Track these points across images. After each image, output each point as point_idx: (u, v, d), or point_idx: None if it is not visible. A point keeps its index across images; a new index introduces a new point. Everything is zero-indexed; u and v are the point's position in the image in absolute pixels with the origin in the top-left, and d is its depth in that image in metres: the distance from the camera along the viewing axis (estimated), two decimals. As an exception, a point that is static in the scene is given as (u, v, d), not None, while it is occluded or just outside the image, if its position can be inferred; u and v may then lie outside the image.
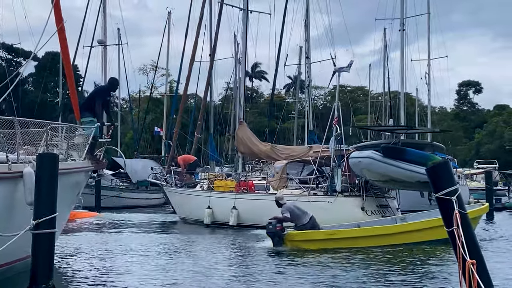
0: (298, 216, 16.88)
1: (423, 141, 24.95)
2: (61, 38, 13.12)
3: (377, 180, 20.43)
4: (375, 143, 23.07)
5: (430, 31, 48.33)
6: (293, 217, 16.87)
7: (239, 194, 23.77)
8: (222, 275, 12.08)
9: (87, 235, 20.05)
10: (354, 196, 21.21)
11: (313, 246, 16.13)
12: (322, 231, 16.81)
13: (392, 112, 51.69)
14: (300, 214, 16.95)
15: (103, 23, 45.60)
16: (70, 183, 12.03)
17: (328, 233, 16.70)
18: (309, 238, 16.51)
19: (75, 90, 14.80)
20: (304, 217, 16.87)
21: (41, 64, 66.06)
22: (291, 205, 17.20)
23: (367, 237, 16.59)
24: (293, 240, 16.41)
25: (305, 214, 16.97)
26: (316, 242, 16.36)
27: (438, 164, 8.20)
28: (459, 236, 7.44)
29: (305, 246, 16.18)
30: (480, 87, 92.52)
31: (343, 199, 21.07)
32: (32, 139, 11.48)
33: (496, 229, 23.72)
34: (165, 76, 60.63)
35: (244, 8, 30.68)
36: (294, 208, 17.01)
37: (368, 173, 20.31)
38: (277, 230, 16.29)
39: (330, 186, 21.51)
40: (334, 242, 16.33)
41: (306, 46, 38.72)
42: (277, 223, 16.40)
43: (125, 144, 62.06)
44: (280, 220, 16.63)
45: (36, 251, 8.81)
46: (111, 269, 12.64)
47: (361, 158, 20.29)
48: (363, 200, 20.88)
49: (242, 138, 27.16)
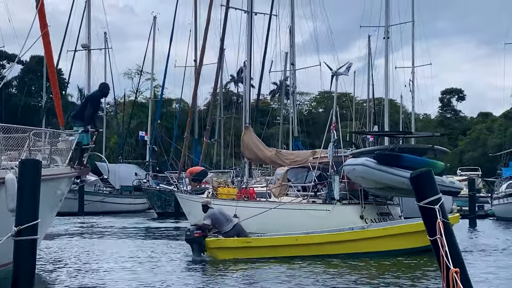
0: (221, 223, 15.92)
1: (424, 145, 23.53)
2: (45, 43, 13.12)
3: (373, 187, 19.70)
4: (371, 149, 22.44)
5: (415, 38, 48.67)
6: (216, 223, 15.91)
7: (240, 202, 23.13)
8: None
9: (70, 241, 19.93)
10: (353, 204, 20.35)
11: (229, 255, 15.16)
12: (237, 239, 15.70)
13: (376, 119, 51.97)
14: (224, 221, 15.99)
15: (87, 27, 45.44)
16: (52, 189, 11.95)
17: (243, 241, 15.59)
18: (223, 245, 15.52)
19: (59, 94, 14.79)
20: (227, 224, 15.91)
21: (26, 68, 65.65)
22: (216, 211, 16.24)
23: (291, 246, 15.50)
24: (209, 248, 15.42)
25: (229, 221, 16.06)
26: (231, 250, 15.37)
27: (421, 173, 8.22)
28: (442, 245, 7.48)
29: (221, 255, 15.25)
30: (463, 95, 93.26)
31: (342, 207, 20.27)
32: (15, 144, 11.40)
33: (479, 237, 23.88)
34: (150, 80, 60.50)
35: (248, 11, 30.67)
36: (218, 215, 16.08)
37: (362, 180, 19.61)
38: (195, 237, 15.38)
39: (328, 193, 20.76)
40: (252, 251, 15.30)
41: (292, 52, 38.90)
42: (196, 230, 15.57)
43: (109, 149, 61.77)
44: (199, 227, 15.88)
45: (18, 257, 8.72)
46: (93, 276, 12.56)
47: (355, 165, 19.54)
48: (363, 208, 19.96)
49: (248, 144, 26.61)
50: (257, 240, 15.71)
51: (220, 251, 15.33)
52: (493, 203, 38.70)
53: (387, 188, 19.23)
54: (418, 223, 15.70)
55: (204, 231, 15.60)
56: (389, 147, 20.68)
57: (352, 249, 15.58)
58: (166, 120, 64.18)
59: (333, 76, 23.05)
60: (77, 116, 14.44)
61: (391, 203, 21.33)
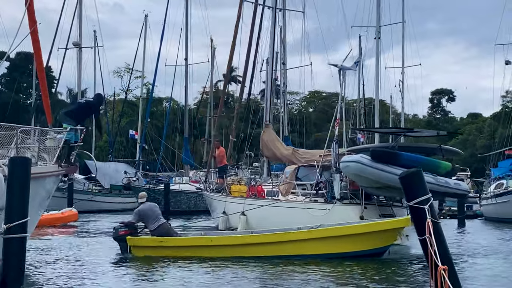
0: (148, 220, 15.25)
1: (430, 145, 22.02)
2: (34, 40, 13.04)
3: (370, 186, 18.78)
4: (370, 147, 21.77)
5: (405, 39, 48.94)
6: (144, 220, 15.35)
7: (248, 200, 22.79)
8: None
9: (58, 239, 19.84)
10: (354, 204, 19.57)
11: (143, 253, 14.82)
12: (150, 238, 15.14)
13: (366, 118, 52.13)
14: (152, 218, 15.22)
15: (78, 25, 45.26)
16: (40, 187, 11.89)
17: (156, 241, 15.03)
18: (138, 244, 15.08)
19: (47, 92, 14.71)
20: (152, 222, 15.16)
21: (12, 65, 65.30)
22: (146, 207, 15.46)
23: (206, 247, 15.01)
24: (128, 246, 15.00)
25: (155, 220, 15.19)
26: (145, 249, 15.01)
27: (411, 173, 8.26)
28: (431, 244, 7.53)
29: (136, 253, 14.90)
30: (453, 96, 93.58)
31: (341, 207, 19.49)
32: (3, 142, 11.34)
33: (467, 237, 24.00)
34: (141, 78, 60.39)
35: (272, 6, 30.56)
36: (148, 211, 15.32)
37: (358, 178, 18.83)
38: (120, 235, 14.98)
39: (329, 192, 20.12)
40: (165, 250, 14.85)
41: (282, 51, 38.87)
42: (122, 228, 15.16)
43: (99, 147, 61.59)
44: (126, 224, 15.37)
45: (7, 255, 8.72)
46: (82, 274, 12.50)
47: (348, 162, 18.63)
48: (363, 209, 19.12)
49: (267, 142, 26.42)
50: (170, 240, 15.09)
51: (135, 249, 15.02)
52: (482, 204, 38.88)
53: (385, 187, 18.12)
54: (376, 223, 15.40)
55: (131, 228, 15.21)
56: (390, 145, 19.74)
57: (280, 251, 14.60)
58: (156, 119, 64.10)
59: (340, 71, 22.35)
60: (70, 114, 14.41)
61: (398, 205, 20.24)
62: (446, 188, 17.95)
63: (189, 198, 40.33)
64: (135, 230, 15.34)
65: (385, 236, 14.83)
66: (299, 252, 14.56)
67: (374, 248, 14.71)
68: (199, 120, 59.72)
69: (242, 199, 23.30)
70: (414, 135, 23.25)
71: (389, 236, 14.94)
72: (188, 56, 47.82)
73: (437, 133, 25.21)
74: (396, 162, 17.51)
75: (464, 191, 19.41)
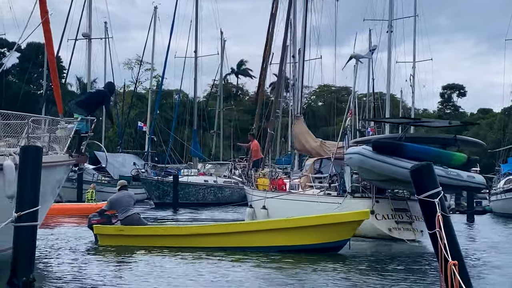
0: (118, 209, 15.32)
1: (444, 135, 19.90)
2: (45, 30, 13.07)
3: (375, 179, 18.00)
4: (378, 138, 21.14)
5: (416, 33, 48.62)
6: (117, 209, 15.45)
7: (269, 193, 22.69)
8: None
9: (69, 229, 19.91)
10: (365, 198, 18.69)
11: (106, 242, 14.89)
12: (111, 227, 15.23)
13: (376, 113, 51.92)
14: (121, 208, 15.29)
15: (88, 16, 45.35)
16: (51, 177, 11.94)
17: (116, 229, 15.09)
18: (101, 232, 15.15)
19: (58, 82, 14.74)
20: (122, 212, 15.23)
21: (23, 56, 65.52)
22: (120, 195, 15.50)
23: (162, 237, 14.87)
24: (96, 235, 15.17)
25: (124, 210, 15.23)
26: (107, 237, 15.04)
27: (421, 166, 8.19)
28: (441, 238, 7.49)
29: (101, 241, 15.05)
30: (464, 91, 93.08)
31: (353, 200, 18.67)
32: (13, 131, 11.38)
33: (477, 232, 23.93)
34: (150, 71, 60.44)
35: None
36: (120, 200, 15.40)
37: (361, 171, 18.13)
38: (92, 223, 15.14)
39: (341, 186, 19.59)
40: (126, 239, 14.80)
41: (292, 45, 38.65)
42: (95, 217, 15.26)
43: (108, 139, 61.77)
44: (99, 213, 15.45)
45: (18, 243, 8.74)
46: (93, 264, 12.55)
47: (352, 154, 17.99)
48: (374, 202, 18.23)
49: (298, 134, 25.88)
50: (129, 229, 15.02)
51: (101, 238, 15.16)
52: (491, 199, 38.74)
53: (392, 180, 17.23)
54: (331, 215, 14.84)
55: (104, 217, 15.28)
56: (398, 136, 18.58)
57: (229, 242, 14.29)
58: (165, 111, 64.16)
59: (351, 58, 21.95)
60: (81, 104, 14.43)
61: (414, 199, 18.95)
62: (458, 181, 16.88)
63: (197, 190, 40.44)
64: (108, 219, 15.38)
65: (343, 230, 13.93)
66: (247, 244, 14.08)
67: (330, 242, 13.83)
68: (208, 113, 59.72)
69: (263, 192, 23.39)
70: (423, 125, 21.81)
71: (347, 230, 14.04)
72: (197, 49, 47.89)
73: (449, 123, 21.56)
74: (401, 154, 16.57)
75: (479, 184, 18.18)
